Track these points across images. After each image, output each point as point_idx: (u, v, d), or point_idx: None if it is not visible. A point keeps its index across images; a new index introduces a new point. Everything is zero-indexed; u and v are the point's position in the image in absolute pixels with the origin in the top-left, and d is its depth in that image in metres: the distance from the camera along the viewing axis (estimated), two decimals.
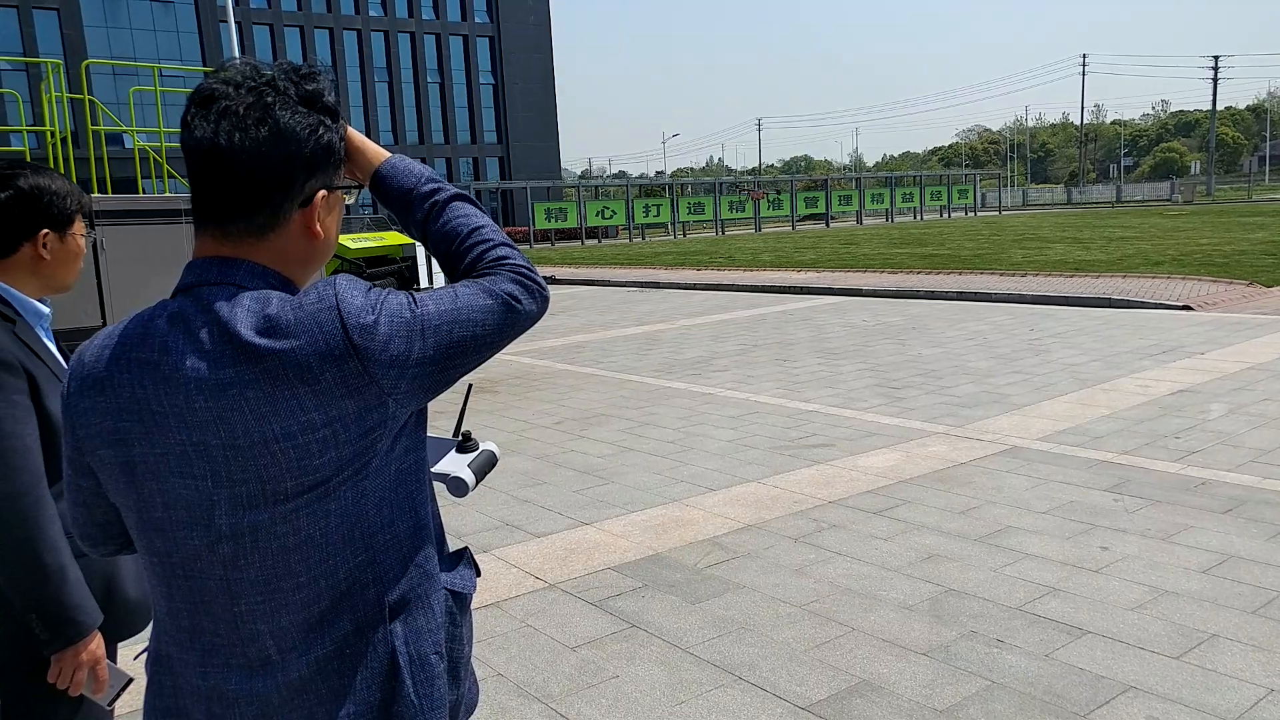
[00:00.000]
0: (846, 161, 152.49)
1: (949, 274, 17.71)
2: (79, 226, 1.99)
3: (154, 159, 9.99)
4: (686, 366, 9.86)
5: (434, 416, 1.60)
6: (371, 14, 55.88)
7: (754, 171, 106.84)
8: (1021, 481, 5.34)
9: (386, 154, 1.37)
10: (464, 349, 1.22)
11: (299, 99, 1.20)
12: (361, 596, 1.21)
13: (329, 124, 1.22)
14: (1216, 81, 73.63)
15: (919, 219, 52.22)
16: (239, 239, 1.20)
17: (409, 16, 56.98)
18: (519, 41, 60.32)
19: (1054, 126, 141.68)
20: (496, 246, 1.33)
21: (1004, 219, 46.90)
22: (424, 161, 1.40)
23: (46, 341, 1.94)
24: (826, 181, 54.79)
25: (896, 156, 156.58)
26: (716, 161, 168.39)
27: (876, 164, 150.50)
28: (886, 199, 53.57)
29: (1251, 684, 3.07)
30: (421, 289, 1.22)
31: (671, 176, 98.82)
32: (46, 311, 1.97)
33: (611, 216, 45.91)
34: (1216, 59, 73.51)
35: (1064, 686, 3.11)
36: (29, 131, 10.47)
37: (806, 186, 57.32)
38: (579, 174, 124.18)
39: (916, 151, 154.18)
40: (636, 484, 5.70)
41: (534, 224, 42.38)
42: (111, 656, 1.97)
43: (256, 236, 1.20)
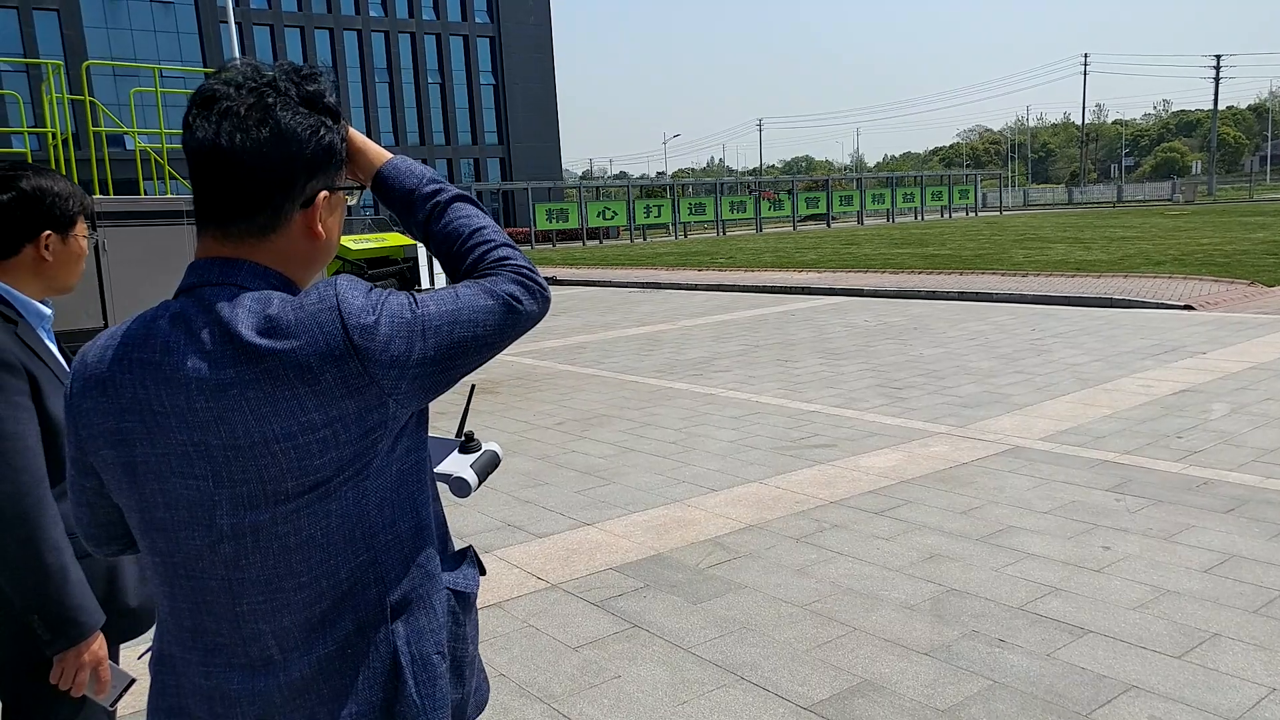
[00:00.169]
0: (848, 162, 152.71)
1: (950, 274, 17.71)
2: (81, 228, 1.99)
3: (155, 160, 10.00)
4: (688, 367, 9.86)
5: (436, 417, 1.60)
6: (372, 14, 55.92)
7: (755, 172, 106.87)
8: (1023, 481, 5.34)
9: (388, 155, 1.37)
10: (465, 349, 1.22)
11: (300, 100, 1.20)
12: (363, 596, 1.21)
13: (330, 125, 1.22)
14: (1218, 81, 73.56)
15: (920, 219, 52.19)
16: (240, 240, 1.20)
17: (409, 17, 57.01)
18: (520, 42, 60.34)
19: (1055, 126, 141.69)
20: (498, 247, 1.33)
21: (1005, 219, 46.88)
22: (425, 162, 1.40)
23: (48, 343, 1.94)
24: (828, 182, 54.74)
25: (897, 157, 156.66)
26: (717, 162, 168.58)
27: (877, 164, 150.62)
28: (887, 199, 53.52)
29: (1253, 683, 3.07)
30: (423, 290, 1.22)
31: (673, 177, 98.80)
32: (48, 313, 1.97)
33: (613, 217, 45.87)
34: (1218, 58, 73.45)
35: (1066, 686, 3.11)
36: (30, 133, 10.48)
37: (808, 187, 57.29)
38: (580, 175, 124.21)
39: (918, 152, 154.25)
40: (638, 484, 5.70)
41: (535, 225, 42.36)
42: (114, 657, 1.97)
43: (258, 237, 1.20)
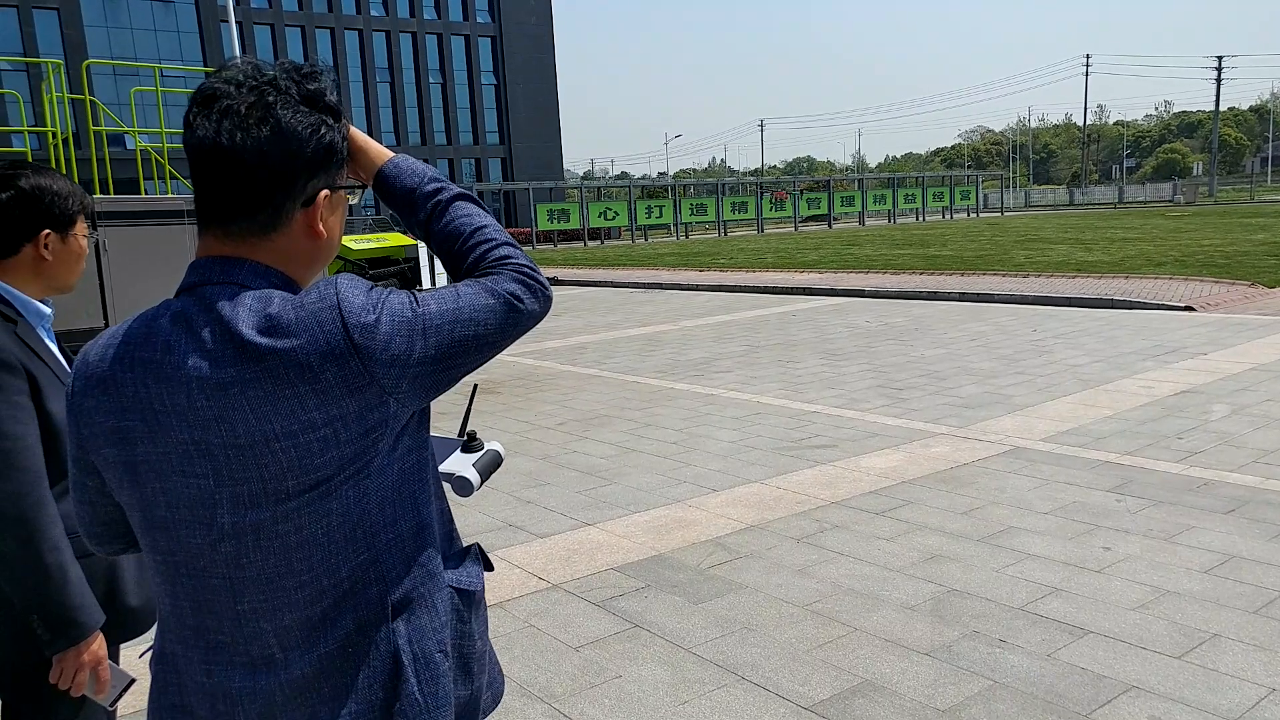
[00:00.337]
0: (849, 162, 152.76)
1: (951, 275, 17.70)
2: (81, 227, 1.99)
3: (156, 160, 10.00)
4: (689, 367, 9.86)
5: (438, 417, 1.60)
6: (373, 14, 55.93)
7: (757, 172, 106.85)
8: (1024, 482, 5.33)
9: (390, 154, 1.37)
10: (466, 348, 1.22)
11: (301, 98, 1.20)
12: (364, 595, 1.21)
13: (331, 123, 1.22)
14: (1220, 82, 73.52)
15: (921, 220, 52.18)
16: (242, 238, 1.20)
17: (411, 16, 57.02)
18: (521, 41, 60.35)
19: (1057, 127, 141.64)
20: (499, 246, 1.33)
21: (1006, 220, 46.88)
22: (426, 162, 1.40)
23: (48, 342, 1.94)
24: (829, 182, 54.74)
25: (899, 157, 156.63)
26: (719, 162, 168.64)
27: (879, 165, 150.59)
28: (889, 200, 53.50)
29: (1253, 684, 3.07)
30: (424, 290, 1.22)
31: (674, 177, 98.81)
32: (48, 312, 1.97)
33: (614, 218, 45.86)
34: (1220, 59, 73.47)
35: (1066, 686, 3.11)
36: (30, 132, 10.49)
37: (809, 187, 57.26)
38: (581, 175, 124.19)
39: (919, 152, 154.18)
40: (639, 485, 5.70)
41: (536, 225, 42.36)
42: (114, 657, 1.97)
43: (259, 236, 1.20)
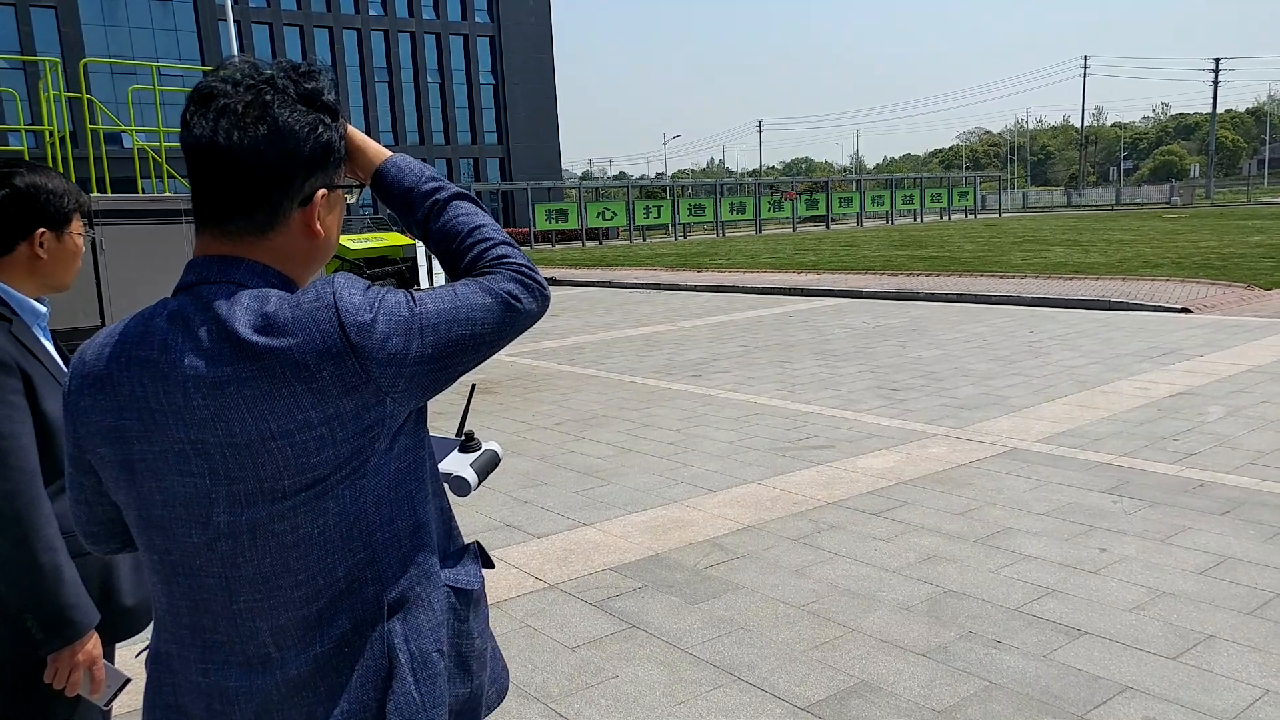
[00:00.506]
0: (847, 163, 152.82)
1: (949, 276, 17.72)
2: (77, 226, 1.99)
3: (153, 159, 9.99)
4: (687, 368, 9.86)
5: (435, 417, 1.60)
6: (371, 13, 55.88)
7: (755, 173, 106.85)
8: (1021, 483, 5.34)
9: (388, 153, 1.37)
10: (463, 347, 1.21)
11: (298, 97, 1.20)
12: (360, 595, 1.21)
13: (328, 122, 1.22)
14: (1217, 84, 73.51)
15: (919, 221, 52.23)
16: (239, 237, 1.20)
17: (409, 16, 56.98)
18: (519, 41, 60.33)
19: (1054, 129, 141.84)
20: (497, 245, 1.33)
21: (1004, 221, 46.92)
22: (424, 162, 1.39)
23: (44, 340, 1.94)
24: (827, 183, 54.73)
25: (897, 158, 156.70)
26: (717, 163, 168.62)
27: (877, 166, 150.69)
28: (887, 201, 53.55)
29: (1248, 684, 3.07)
30: (421, 289, 1.22)
31: (672, 178, 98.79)
32: (44, 310, 1.96)
33: (612, 218, 45.85)
34: (1217, 61, 73.40)
35: (1062, 687, 3.11)
36: (27, 131, 10.47)
37: (807, 188, 57.28)
38: (580, 175, 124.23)
39: (917, 153, 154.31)
40: (637, 485, 5.70)
41: (534, 225, 42.35)
42: (109, 657, 1.97)
43: (256, 235, 1.20)
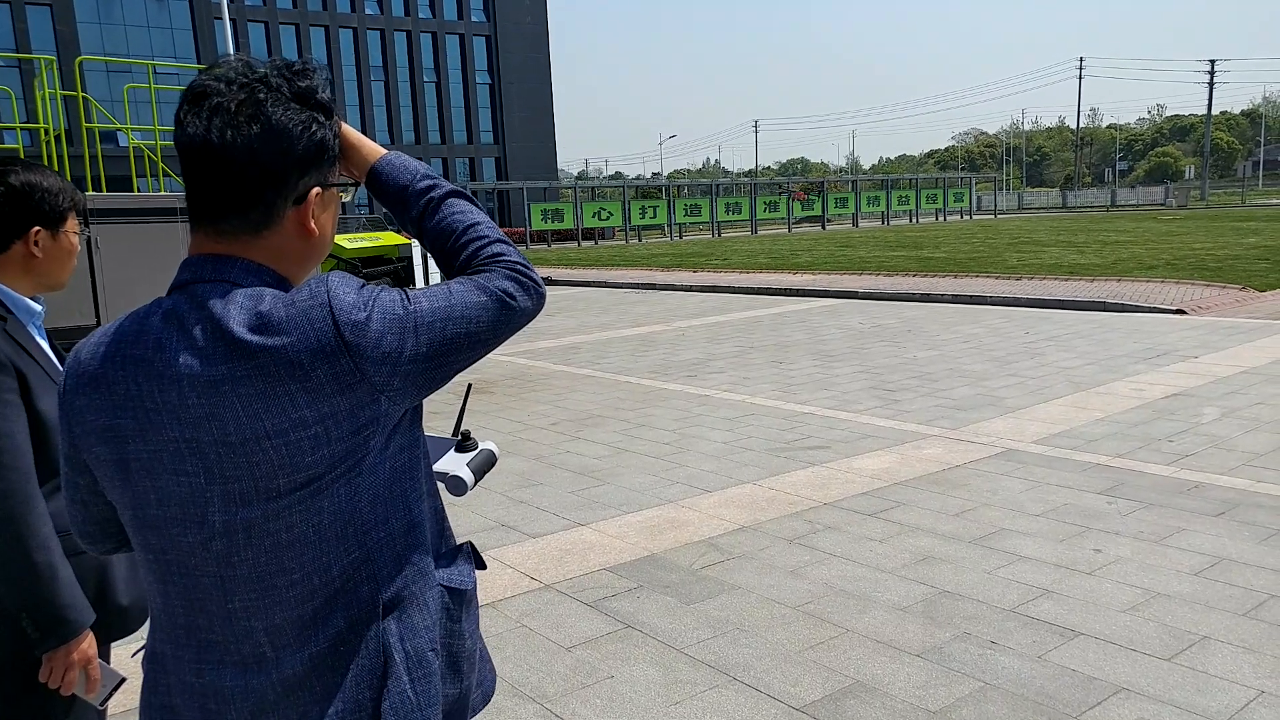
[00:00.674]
0: (843, 164, 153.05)
1: (944, 277, 17.74)
2: (72, 224, 1.98)
3: (148, 157, 9.97)
4: (683, 368, 9.86)
5: (431, 416, 1.60)
6: (368, 12, 55.80)
7: (750, 173, 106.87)
8: (1016, 484, 5.35)
9: (383, 150, 1.37)
10: (457, 346, 1.21)
11: (292, 96, 1.19)
12: (355, 594, 1.21)
13: (322, 121, 1.22)
14: (1212, 86, 73.77)
15: (915, 222, 52.29)
16: (233, 236, 1.19)
17: (405, 15, 56.91)
18: (516, 41, 60.28)
19: (1050, 130, 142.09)
20: (492, 243, 1.33)
21: (999, 222, 46.98)
22: (420, 160, 1.39)
23: (39, 339, 1.93)
24: (823, 184, 54.79)
25: (893, 159, 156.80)
26: (713, 163, 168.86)
27: (873, 166, 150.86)
28: (882, 202, 53.57)
29: (1242, 685, 3.08)
30: (417, 289, 1.22)
31: (668, 178, 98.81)
32: (39, 309, 1.96)
33: (608, 218, 45.81)
34: (1213, 63, 73.58)
35: (1056, 688, 3.12)
36: (22, 129, 10.46)
37: (804, 189, 57.28)
38: (576, 175, 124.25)
39: (913, 154, 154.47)
40: (632, 485, 5.69)
41: (530, 225, 42.31)
42: (104, 656, 1.96)
43: (251, 234, 1.19)
